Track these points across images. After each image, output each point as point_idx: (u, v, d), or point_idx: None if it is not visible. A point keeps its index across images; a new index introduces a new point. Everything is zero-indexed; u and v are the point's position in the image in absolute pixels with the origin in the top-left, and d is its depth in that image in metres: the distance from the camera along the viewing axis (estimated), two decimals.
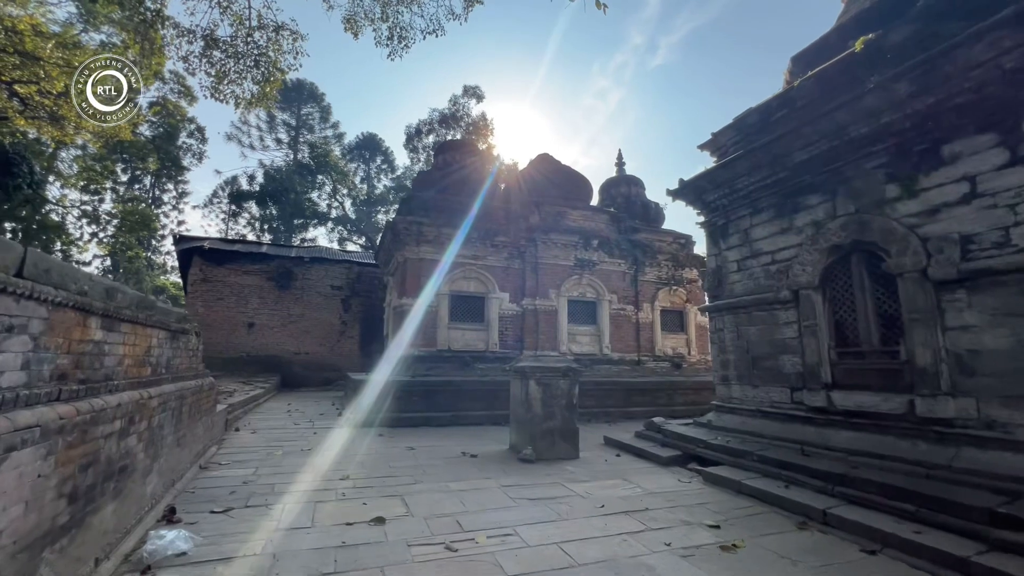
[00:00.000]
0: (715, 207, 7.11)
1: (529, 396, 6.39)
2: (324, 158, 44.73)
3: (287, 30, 11.55)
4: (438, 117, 44.91)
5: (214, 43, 13.31)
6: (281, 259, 16.14)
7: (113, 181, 35.83)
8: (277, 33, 13.63)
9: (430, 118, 45.52)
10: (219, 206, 47.72)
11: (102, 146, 28.35)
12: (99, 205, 33.88)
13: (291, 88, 54.08)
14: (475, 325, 10.76)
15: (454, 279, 10.68)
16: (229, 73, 13.02)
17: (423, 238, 10.39)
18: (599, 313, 11.91)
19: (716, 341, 7.02)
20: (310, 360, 16.09)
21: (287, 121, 55.48)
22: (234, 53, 13.32)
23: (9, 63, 14.35)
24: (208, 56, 13.18)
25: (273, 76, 13.48)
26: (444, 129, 44.59)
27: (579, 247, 11.77)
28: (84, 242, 34.07)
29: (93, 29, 19.73)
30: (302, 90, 54.62)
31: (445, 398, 9.07)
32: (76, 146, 27.18)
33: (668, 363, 12.52)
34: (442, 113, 44.40)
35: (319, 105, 56.10)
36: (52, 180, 29.53)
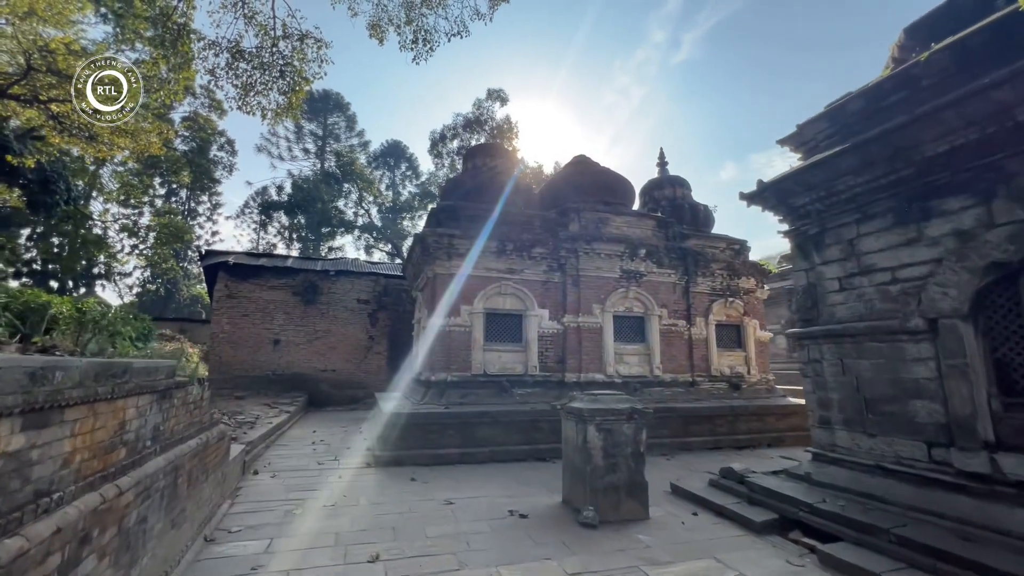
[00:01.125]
0: (805, 213, 5.93)
1: (588, 444, 5.36)
2: (350, 166, 44.93)
3: (311, 38, 11.01)
4: (462, 122, 44.48)
5: (240, 55, 12.88)
6: (306, 273, 15.62)
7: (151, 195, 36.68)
8: (302, 42, 13.10)
9: (454, 123, 45.08)
10: (250, 216, 48.64)
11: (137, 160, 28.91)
12: (138, 219, 34.65)
13: (317, 99, 54.87)
14: (512, 346, 9.79)
15: (488, 295, 9.75)
16: (256, 84, 12.56)
17: (454, 251, 9.51)
18: (648, 329, 10.76)
19: (811, 374, 5.82)
20: (337, 378, 15.48)
21: (314, 131, 56.28)
22: (260, 64, 12.85)
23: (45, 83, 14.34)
24: (234, 68, 12.75)
25: (298, 85, 12.96)
26: (468, 134, 44.11)
27: (625, 257, 10.67)
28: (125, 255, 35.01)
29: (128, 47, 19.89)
30: (328, 100, 55.33)
31: (482, 431, 8.13)
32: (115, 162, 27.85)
33: (725, 384, 11.24)
34: (466, 118, 43.95)
35: (344, 114, 56.71)
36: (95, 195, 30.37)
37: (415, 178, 56.82)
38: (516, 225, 10.19)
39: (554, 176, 12.87)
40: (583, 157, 13.32)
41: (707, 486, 6.26)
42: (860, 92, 5.48)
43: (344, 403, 15.29)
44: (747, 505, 5.48)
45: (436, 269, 9.54)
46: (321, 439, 9.44)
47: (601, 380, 9.98)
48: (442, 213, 10.01)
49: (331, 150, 50.24)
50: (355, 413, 14.02)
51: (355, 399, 15.42)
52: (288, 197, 45.68)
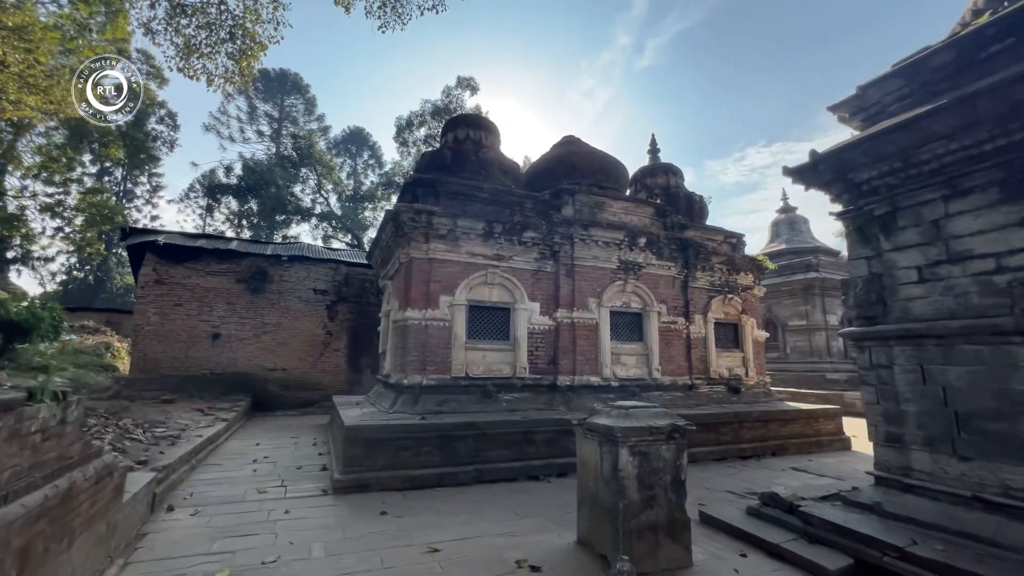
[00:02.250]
0: (871, 189, 4.96)
1: (620, 472, 4.14)
2: (308, 149, 42.06)
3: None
4: (430, 109, 42.67)
5: (180, 9, 10.89)
6: (254, 257, 13.63)
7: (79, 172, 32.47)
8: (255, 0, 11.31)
9: (422, 110, 43.22)
10: (195, 201, 44.71)
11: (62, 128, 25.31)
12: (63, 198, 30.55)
13: (273, 78, 51.37)
14: (499, 344, 8.47)
15: (472, 285, 8.38)
16: (200, 46, 10.65)
17: (433, 232, 8.07)
18: (647, 327, 9.73)
19: (874, 382, 4.87)
20: (288, 378, 13.61)
21: (269, 113, 52.62)
22: (205, 23, 10.93)
23: None
24: (174, 24, 10.78)
25: (251, 50, 11.11)
26: (437, 122, 42.33)
27: (623, 246, 9.58)
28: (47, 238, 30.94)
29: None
30: (285, 80, 51.92)
31: (466, 446, 6.77)
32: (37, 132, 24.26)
33: (724, 387, 10.40)
34: (435, 105, 42.18)
35: (303, 97, 53.38)
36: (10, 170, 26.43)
37: (378, 167, 54.32)
38: (505, 205, 8.87)
39: (541, 158, 11.63)
40: (573, 137, 12.17)
41: (746, 516, 5.20)
42: (948, 43, 4.54)
43: (296, 406, 13.45)
44: (806, 544, 4.44)
45: (411, 252, 8.07)
46: (266, 455, 7.76)
47: (596, 383, 8.86)
48: (419, 187, 8.54)
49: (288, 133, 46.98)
50: (309, 418, 12.26)
51: (309, 402, 13.61)
52: (238, 180, 42.32)
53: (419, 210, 7.89)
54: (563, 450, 7.34)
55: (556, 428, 7.36)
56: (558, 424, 7.39)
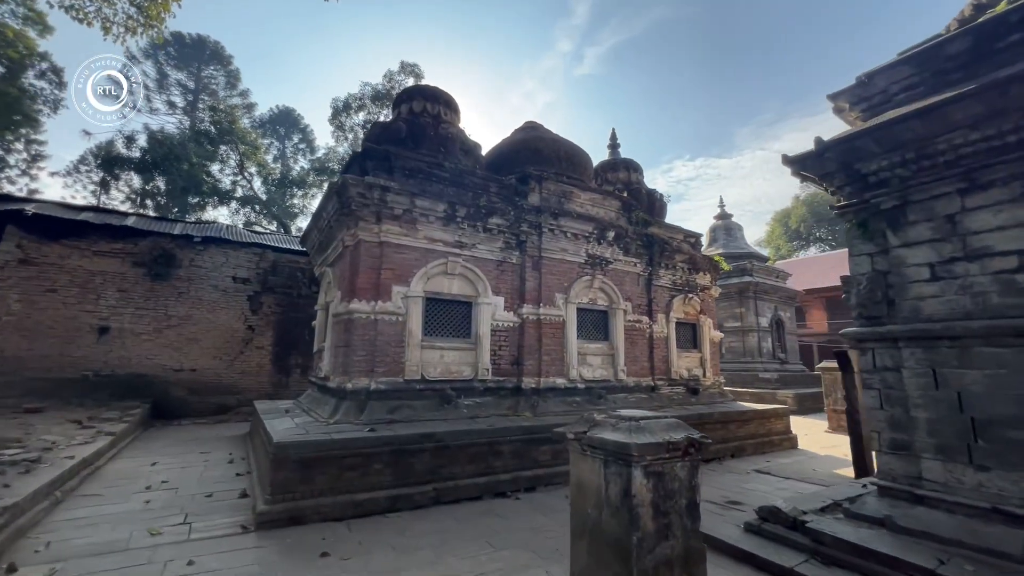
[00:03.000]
0: (879, 181, 4.68)
1: (633, 498, 3.42)
2: (229, 125, 38.05)
3: None
4: (371, 92, 40.41)
5: None
6: (157, 237, 11.46)
7: None
8: None
9: (361, 93, 40.83)
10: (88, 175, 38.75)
11: None
12: None
13: (190, 44, 46.28)
14: (459, 342, 7.52)
15: (431, 275, 7.36)
16: None
17: (387, 211, 6.95)
18: (612, 326, 9.24)
19: (878, 386, 4.58)
20: (198, 380, 11.61)
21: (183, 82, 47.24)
22: None
23: None
24: None
25: None
26: (377, 107, 40.18)
27: (592, 239, 9.01)
28: None
29: None
30: (203, 48, 46.86)
31: (424, 462, 5.77)
32: None
33: (683, 388, 10.21)
34: (376, 89, 39.98)
35: (225, 68, 48.45)
36: None
37: (310, 152, 50.70)
38: (469, 188, 7.92)
39: (504, 141, 10.80)
40: (535, 123, 11.47)
41: (744, 533, 4.73)
42: (966, 30, 4.32)
43: (207, 413, 11.51)
44: (821, 567, 4.01)
45: (359, 234, 6.88)
46: (165, 479, 6.20)
47: (563, 386, 8.19)
48: (369, 159, 7.35)
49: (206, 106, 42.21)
50: (223, 428, 10.47)
51: (224, 408, 11.72)
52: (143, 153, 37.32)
53: (371, 184, 6.73)
54: (532, 462, 6.58)
55: (524, 437, 6.58)
56: (527, 433, 6.61)
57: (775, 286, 21.16)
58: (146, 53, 41.89)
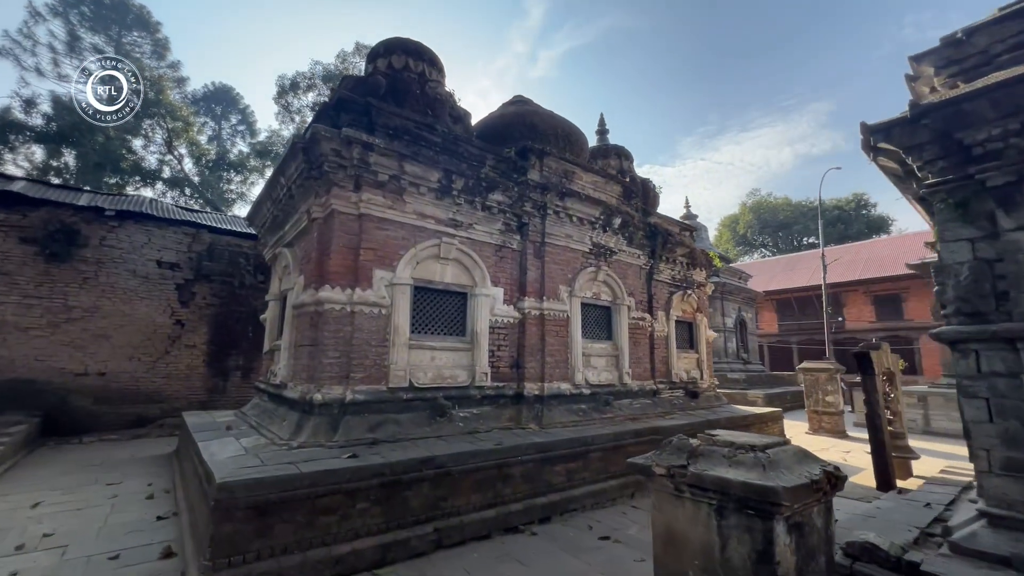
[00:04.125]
0: (986, 153, 3.95)
1: (773, 565, 2.38)
2: (156, 95, 33.99)
3: None
4: (322, 72, 37.76)
5: None
6: (56, 208, 9.16)
7: None
8: None
9: (311, 72, 38.06)
10: None
11: None
12: None
13: (108, 4, 41.06)
14: (453, 341, 6.23)
15: (421, 258, 6.02)
16: None
17: (369, 176, 5.53)
18: (616, 324, 8.29)
19: (983, 394, 3.85)
20: (109, 386, 9.42)
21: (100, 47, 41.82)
22: None
23: None
24: None
25: None
26: (329, 87, 37.48)
27: (597, 226, 8.00)
28: None
29: None
30: (125, 11, 41.82)
31: (421, 496, 4.46)
32: None
33: (682, 391, 9.47)
34: (327, 69, 37.40)
35: (151, 36, 43.57)
36: None
37: (250, 135, 46.72)
38: (464, 158, 6.64)
39: (493, 115, 9.58)
40: (524, 97, 10.33)
41: None
42: None
43: (121, 427, 9.37)
44: None
45: (333, 203, 5.41)
46: (48, 531, 4.44)
47: (568, 392, 7.12)
48: (345, 111, 5.86)
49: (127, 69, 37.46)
50: (141, 445, 8.46)
51: (143, 420, 9.62)
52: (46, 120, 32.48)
53: (350, 139, 5.28)
54: (545, 485, 5.46)
55: (537, 456, 5.43)
56: (540, 450, 5.47)
57: (739, 287, 21.37)
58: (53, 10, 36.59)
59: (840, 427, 11.99)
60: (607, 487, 6.07)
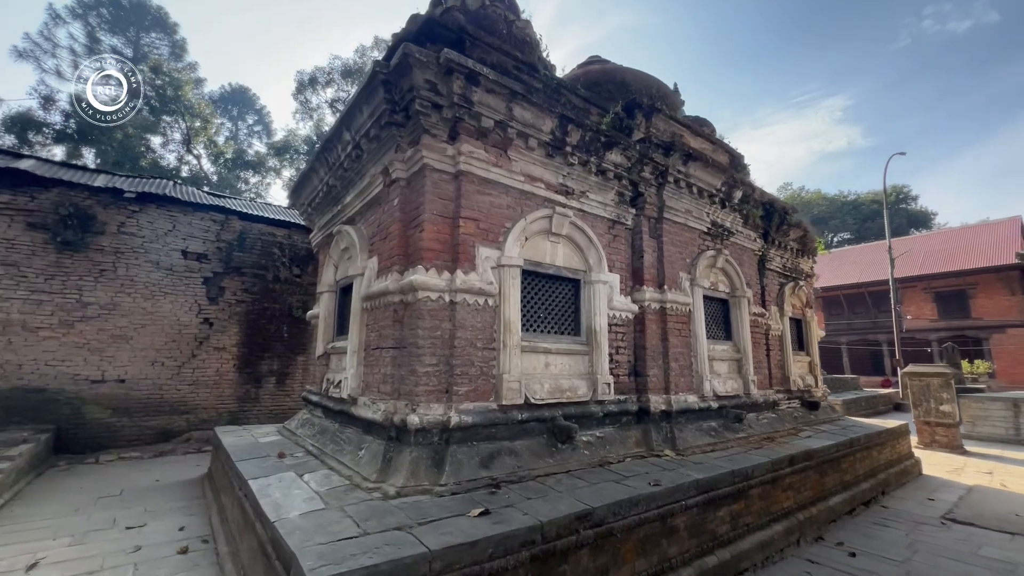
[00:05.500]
0: None
1: None
2: (176, 91, 33.23)
3: None
4: (340, 67, 36.78)
5: None
6: (69, 189, 7.95)
7: None
8: None
9: (330, 67, 37.10)
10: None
11: None
12: None
13: (127, 6, 40.69)
14: (567, 342, 4.78)
15: (530, 232, 4.60)
16: None
17: (471, 121, 4.12)
18: (736, 320, 6.78)
19: None
20: (130, 395, 8.17)
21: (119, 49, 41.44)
22: None
23: None
24: None
25: None
26: (348, 83, 36.61)
27: (716, 200, 6.52)
28: None
29: None
30: (143, 12, 41.36)
31: (578, 568, 3.03)
32: None
33: (798, 401, 7.92)
34: (346, 64, 36.43)
35: (169, 37, 43.09)
36: None
37: (266, 136, 46.37)
38: (576, 107, 5.21)
39: (570, 75, 8.11)
40: (601, 57, 8.87)
41: None
42: None
43: (143, 442, 8.12)
44: None
45: (424, 154, 4.01)
46: None
47: (696, 406, 5.64)
48: (432, 38, 4.44)
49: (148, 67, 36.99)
50: (167, 466, 7.17)
51: (168, 433, 8.36)
52: (65, 117, 31.92)
53: (452, 65, 3.85)
54: (709, 537, 4.00)
55: (700, 498, 3.97)
56: (702, 489, 4.01)
57: None
58: (73, 12, 36.27)
59: (956, 441, 10.34)
60: (773, 534, 4.58)
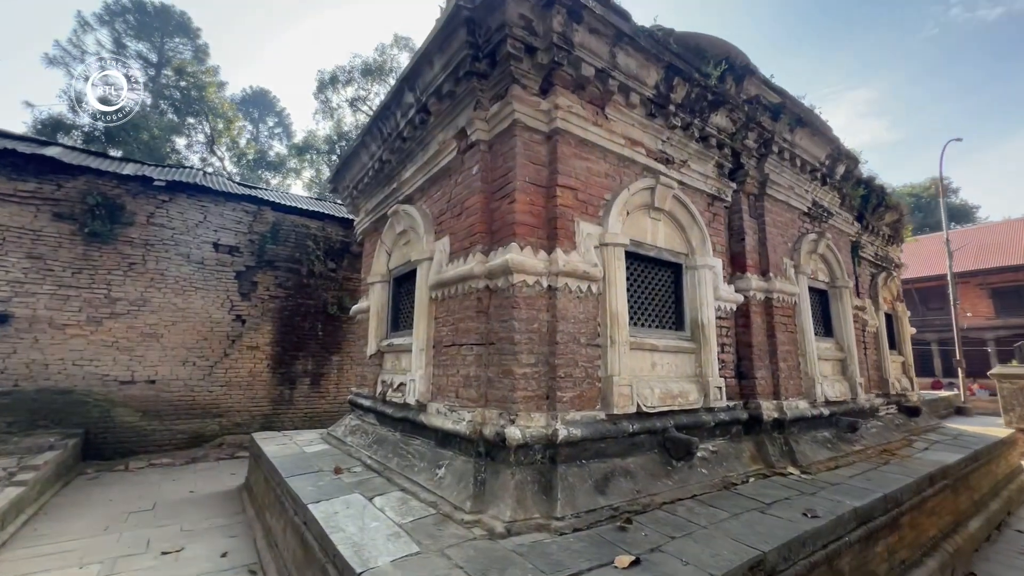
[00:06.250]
0: None
1: None
2: (200, 91, 33.31)
3: None
4: (360, 66, 36.45)
5: None
6: (96, 177, 7.47)
7: None
8: None
9: (350, 66, 36.79)
10: None
11: None
12: None
13: (151, 12, 41.15)
14: (671, 337, 4.00)
15: (631, 205, 3.84)
16: None
17: (568, 69, 3.38)
18: (838, 315, 5.91)
19: None
20: (161, 396, 7.66)
21: (144, 55, 41.89)
22: None
23: None
24: None
25: None
26: (368, 83, 36.36)
27: (818, 176, 5.67)
28: None
29: None
30: (167, 18, 41.72)
31: None
32: None
33: (895, 406, 6.99)
34: (366, 62, 36.11)
35: (192, 42, 43.42)
36: None
37: (287, 138, 46.61)
38: (679, 57, 4.43)
39: None
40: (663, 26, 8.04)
41: None
42: None
43: (174, 446, 7.60)
44: None
45: (515, 107, 3.29)
46: None
47: (808, 413, 4.79)
48: None
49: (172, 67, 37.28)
50: (200, 474, 6.60)
51: (199, 438, 7.82)
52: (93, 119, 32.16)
53: None
54: None
55: (861, 532, 3.16)
56: (861, 520, 3.20)
57: None
58: (101, 19, 36.80)
59: None
60: (929, 573, 3.74)
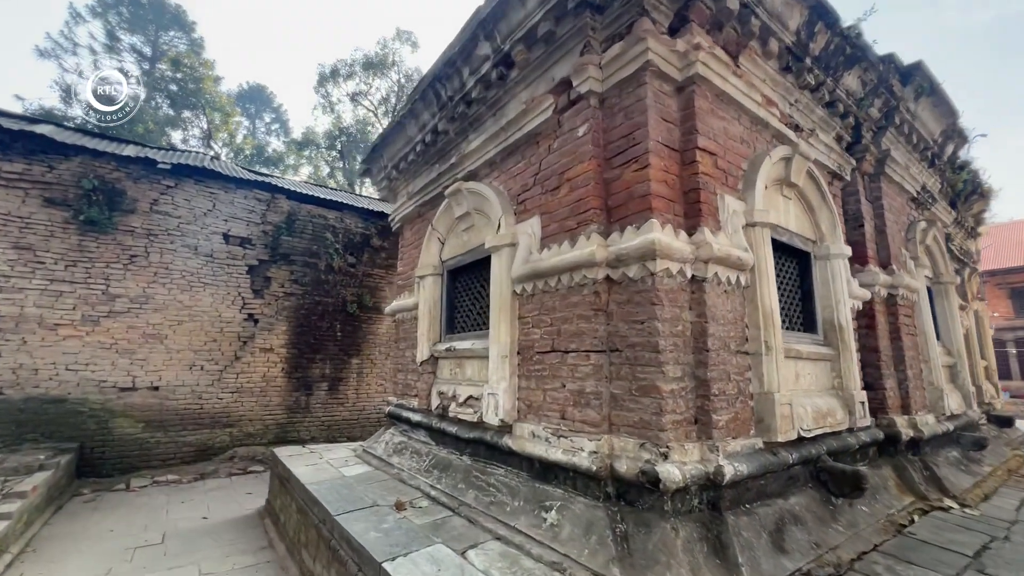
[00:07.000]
0: None
1: None
2: (197, 84, 32.36)
3: None
4: (362, 59, 35.71)
5: None
6: (93, 158, 6.64)
7: None
8: None
9: (351, 60, 36.04)
10: None
11: None
12: None
13: (145, 4, 40.11)
14: (808, 342, 3.27)
15: (771, 179, 3.09)
16: None
17: (714, 2, 2.63)
18: (944, 314, 5.21)
19: None
20: (165, 405, 6.84)
21: (138, 48, 40.76)
22: None
23: None
24: None
25: None
26: (369, 76, 35.70)
27: (928, 156, 4.96)
28: None
29: None
30: (162, 10, 40.66)
31: None
32: None
33: (985, 416, 6.30)
34: (367, 56, 35.40)
35: (188, 36, 42.38)
36: None
37: (284, 134, 45.78)
38: None
39: None
40: None
41: None
42: None
43: (177, 461, 6.78)
44: None
45: (651, 46, 2.54)
46: None
47: (940, 430, 4.07)
48: None
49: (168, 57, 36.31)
50: (210, 493, 5.79)
51: (206, 451, 7.01)
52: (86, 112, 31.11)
53: None
54: None
55: None
56: None
57: None
58: (93, 11, 35.71)
59: None
60: None
